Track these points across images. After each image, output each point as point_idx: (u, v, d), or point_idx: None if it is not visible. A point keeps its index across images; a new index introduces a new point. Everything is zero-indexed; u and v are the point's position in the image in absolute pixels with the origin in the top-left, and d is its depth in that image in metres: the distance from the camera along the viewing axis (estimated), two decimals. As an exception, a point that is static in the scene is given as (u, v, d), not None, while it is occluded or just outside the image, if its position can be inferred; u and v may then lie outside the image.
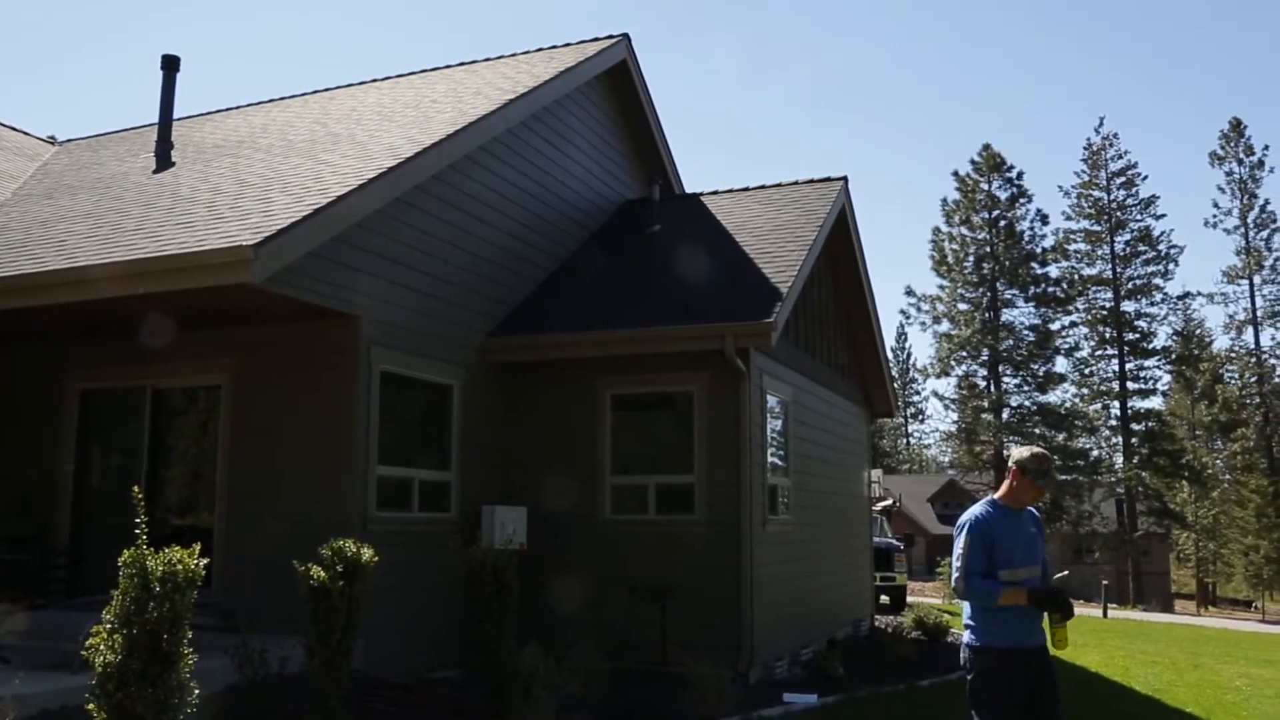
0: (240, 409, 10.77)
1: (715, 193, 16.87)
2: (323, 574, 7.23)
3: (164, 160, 13.74)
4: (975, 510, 6.06)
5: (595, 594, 11.94)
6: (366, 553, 7.50)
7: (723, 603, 11.59)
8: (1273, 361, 60.85)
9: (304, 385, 10.51)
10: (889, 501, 28.86)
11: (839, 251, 16.42)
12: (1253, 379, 60.42)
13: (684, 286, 13.31)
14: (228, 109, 17.95)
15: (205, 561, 5.54)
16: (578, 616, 11.78)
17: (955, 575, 5.95)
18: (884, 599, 23.91)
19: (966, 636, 6.01)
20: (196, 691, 5.43)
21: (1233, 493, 62.97)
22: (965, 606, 6.05)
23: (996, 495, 6.14)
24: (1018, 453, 6.07)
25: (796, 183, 16.40)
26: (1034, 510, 6.25)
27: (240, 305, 9.85)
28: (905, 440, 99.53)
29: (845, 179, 15.91)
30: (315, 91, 17.63)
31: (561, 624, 11.68)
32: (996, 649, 5.86)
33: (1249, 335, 60.74)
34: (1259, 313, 59.80)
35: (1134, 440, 56.22)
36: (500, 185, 13.06)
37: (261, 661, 8.04)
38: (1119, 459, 57.06)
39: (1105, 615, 32.70)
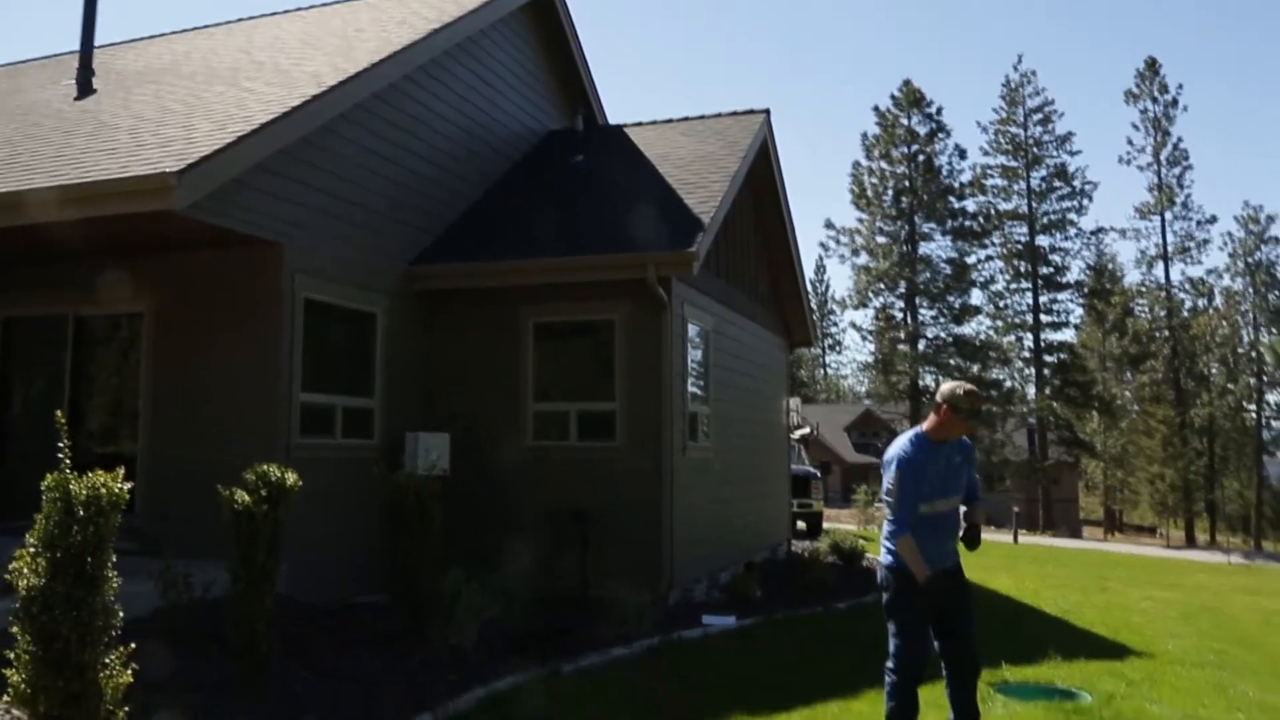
0: (163, 336, 10.70)
1: (639, 124, 16.92)
2: (246, 497, 7.23)
3: (85, 88, 13.39)
4: (903, 445, 6.13)
5: (518, 520, 12.12)
6: (290, 476, 7.49)
7: (643, 527, 11.81)
8: (1182, 296, 62.56)
9: (227, 312, 10.46)
10: (807, 430, 29.23)
11: (760, 184, 16.57)
12: (1162, 313, 62.05)
13: (607, 216, 13.38)
14: (150, 37, 17.55)
15: (129, 485, 5.55)
16: (501, 542, 11.91)
17: (899, 508, 6.04)
18: (801, 525, 24.42)
19: (884, 558, 6.24)
20: (121, 615, 5.47)
21: (1141, 423, 64.78)
22: (884, 530, 6.25)
23: (924, 428, 6.21)
24: (949, 389, 6.09)
25: (719, 115, 16.47)
26: (965, 438, 6.30)
27: (163, 233, 9.77)
28: (823, 370, 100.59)
29: (768, 111, 16.01)
30: (239, 20, 17.31)
31: (484, 549, 11.80)
32: (910, 570, 6.06)
33: (1159, 270, 62.40)
34: (1169, 248, 61.35)
35: (1046, 371, 57.58)
36: (425, 114, 12.99)
37: (186, 586, 8.09)
38: (1031, 390, 58.53)
39: (1016, 541, 33.67)
